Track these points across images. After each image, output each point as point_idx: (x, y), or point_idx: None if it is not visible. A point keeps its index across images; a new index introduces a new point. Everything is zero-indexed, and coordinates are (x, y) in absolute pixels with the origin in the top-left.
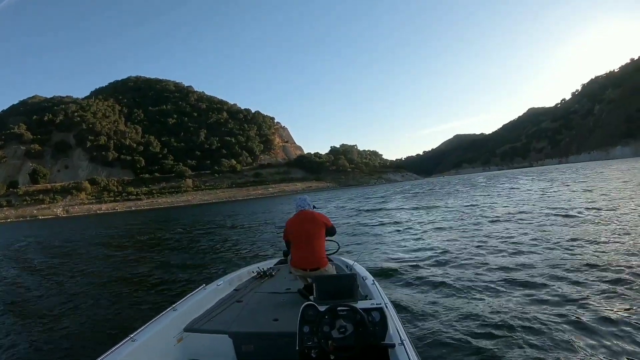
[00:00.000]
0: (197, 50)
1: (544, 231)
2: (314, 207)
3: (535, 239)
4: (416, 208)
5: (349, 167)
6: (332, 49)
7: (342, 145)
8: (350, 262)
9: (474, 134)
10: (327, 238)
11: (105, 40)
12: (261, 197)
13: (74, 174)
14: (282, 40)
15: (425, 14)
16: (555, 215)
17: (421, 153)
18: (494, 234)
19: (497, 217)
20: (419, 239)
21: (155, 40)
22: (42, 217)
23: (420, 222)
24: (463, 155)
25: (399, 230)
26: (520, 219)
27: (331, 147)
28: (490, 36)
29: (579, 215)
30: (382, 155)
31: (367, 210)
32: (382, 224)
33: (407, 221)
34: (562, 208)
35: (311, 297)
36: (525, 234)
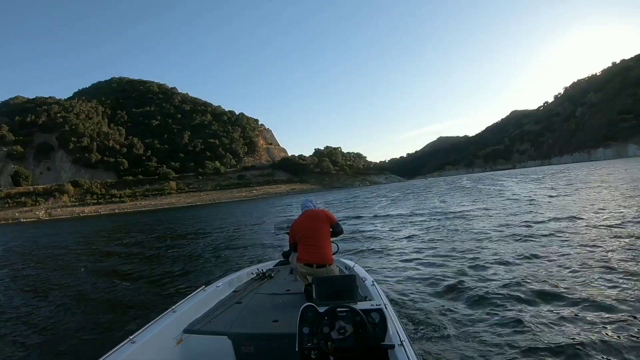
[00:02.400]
0: (181, 52)
1: (539, 233)
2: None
3: (530, 242)
4: (411, 211)
5: (333, 170)
6: (316, 52)
7: (326, 147)
8: (350, 263)
9: (458, 136)
10: (335, 241)
11: (88, 42)
12: (245, 199)
13: (56, 176)
14: (267, 43)
15: (408, 19)
16: (545, 219)
17: (405, 155)
18: (490, 237)
19: (491, 219)
20: (417, 242)
21: (139, 41)
22: (25, 220)
23: (417, 226)
24: (446, 158)
25: (395, 233)
26: (513, 223)
27: (315, 149)
28: (473, 40)
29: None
30: (366, 157)
31: (357, 213)
32: (377, 227)
33: (402, 224)
34: (549, 211)
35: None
36: (521, 236)
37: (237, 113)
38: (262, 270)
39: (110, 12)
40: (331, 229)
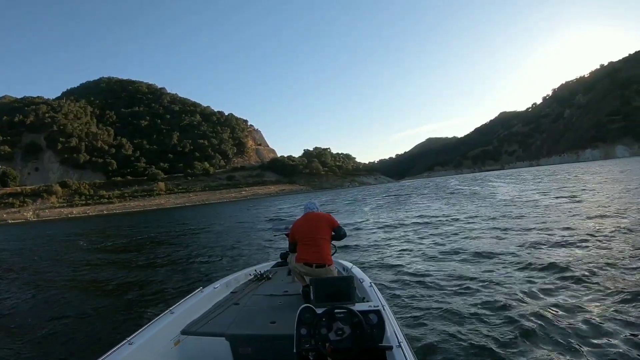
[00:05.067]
0: (170, 52)
1: (537, 235)
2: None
3: (528, 241)
4: (406, 211)
5: (322, 170)
6: (306, 53)
7: (316, 149)
8: (348, 264)
9: (447, 137)
10: (334, 242)
11: (77, 42)
12: (234, 200)
13: (44, 177)
14: (257, 44)
15: (398, 21)
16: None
17: (394, 156)
18: (488, 237)
19: (488, 222)
20: (415, 243)
21: (128, 41)
22: (12, 221)
23: (414, 226)
24: (436, 159)
25: (392, 234)
26: (511, 224)
27: (304, 150)
28: (462, 42)
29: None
30: (355, 158)
31: (349, 214)
32: (374, 228)
33: (400, 225)
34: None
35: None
36: (518, 236)
37: (226, 114)
38: (259, 271)
39: (99, 11)
40: (333, 232)
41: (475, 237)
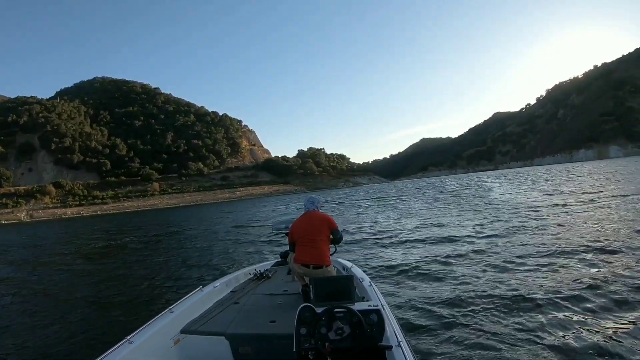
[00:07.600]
0: (165, 53)
1: (538, 233)
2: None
3: (530, 243)
4: (406, 211)
5: (317, 171)
6: (301, 54)
7: (310, 149)
8: (348, 264)
9: (441, 138)
10: (331, 244)
11: (71, 41)
12: (229, 201)
13: (38, 177)
14: (251, 44)
15: (393, 22)
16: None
17: (388, 157)
18: (486, 237)
19: (488, 220)
20: (416, 243)
21: (122, 42)
22: (6, 222)
23: (413, 226)
24: (430, 159)
25: (392, 235)
26: (510, 225)
27: (299, 150)
28: (457, 42)
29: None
30: (349, 158)
31: (348, 214)
32: (372, 228)
33: (399, 226)
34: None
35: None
36: (516, 237)
37: (220, 114)
38: (259, 270)
39: (94, 12)
40: (331, 235)
41: (475, 238)
